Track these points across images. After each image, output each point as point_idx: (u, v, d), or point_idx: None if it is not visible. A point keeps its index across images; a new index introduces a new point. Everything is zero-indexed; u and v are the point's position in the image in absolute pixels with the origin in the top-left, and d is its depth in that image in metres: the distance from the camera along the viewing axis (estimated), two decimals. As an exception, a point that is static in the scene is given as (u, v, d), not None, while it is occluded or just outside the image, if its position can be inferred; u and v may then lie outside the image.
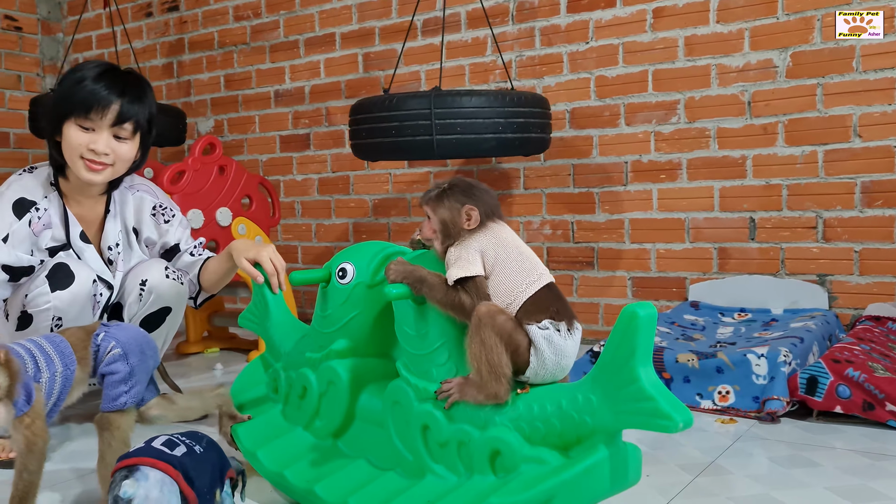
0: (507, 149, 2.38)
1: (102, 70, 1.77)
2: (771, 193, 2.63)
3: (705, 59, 2.71)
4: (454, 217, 1.29)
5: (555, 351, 1.20)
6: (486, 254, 1.25)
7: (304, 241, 3.63)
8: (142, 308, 1.92)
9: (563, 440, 1.16)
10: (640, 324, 1.07)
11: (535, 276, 1.24)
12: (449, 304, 1.24)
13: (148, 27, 4.07)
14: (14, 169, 4.15)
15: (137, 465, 1.14)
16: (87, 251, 1.87)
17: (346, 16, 3.43)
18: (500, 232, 1.29)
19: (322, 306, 1.47)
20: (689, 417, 1.06)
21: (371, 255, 1.45)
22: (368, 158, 2.52)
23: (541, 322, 1.20)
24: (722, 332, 2.43)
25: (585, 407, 1.13)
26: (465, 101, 2.27)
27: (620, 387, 1.09)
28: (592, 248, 2.93)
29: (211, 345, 3.05)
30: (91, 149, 1.75)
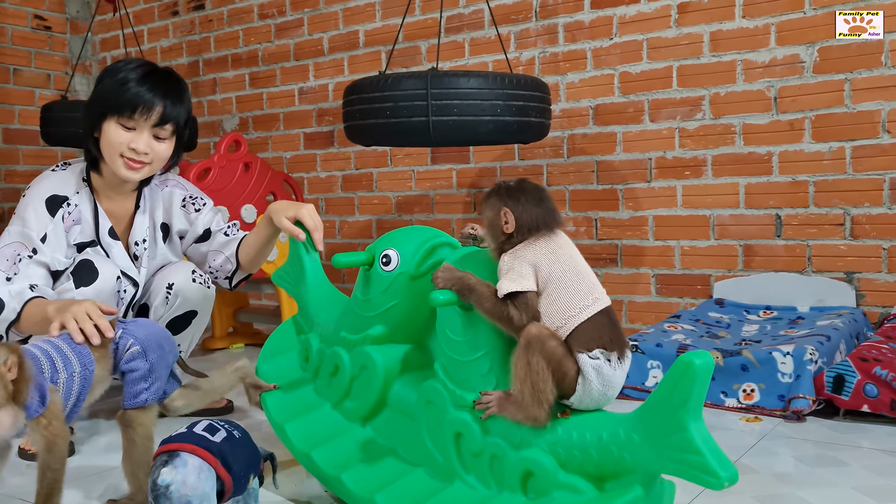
0: (505, 133, 2.29)
1: (146, 72, 1.79)
2: (798, 190, 2.60)
3: (731, 54, 2.68)
4: (495, 218, 1.25)
5: (603, 382, 1.16)
6: (540, 269, 1.20)
7: (327, 237, 3.65)
8: (168, 311, 1.93)
9: (598, 472, 1.14)
10: (696, 374, 1.03)
11: (590, 299, 1.19)
12: (497, 317, 1.20)
13: (174, 26, 4.11)
14: (44, 167, 4.22)
15: (178, 451, 1.17)
16: (114, 247, 1.89)
17: (370, 13, 3.44)
18: (557, 245, 1.23)
19: (363, 289, 1.44)
20: (734, 474, 1.02)
21: (417, 245, 1.41)
22: (361, 142, 2.43)
23: (592, 351, 1.16)
24: (747, 330, 2.41)
25: (626, 444, 1.10)
26: (462, 81, 2.18)
27: (667, 433, 1.06)
28: (616, 245, 2.92)
29: (236, 341, 3.08)
30: (132, 148, 1.78)
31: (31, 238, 1.78)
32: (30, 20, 4.21)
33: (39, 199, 1.81)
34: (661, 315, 2.80)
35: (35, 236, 1.78)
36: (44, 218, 1.80)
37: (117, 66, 1.81)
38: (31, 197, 1.82)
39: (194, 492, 1.14)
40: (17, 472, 1.68)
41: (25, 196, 1.84)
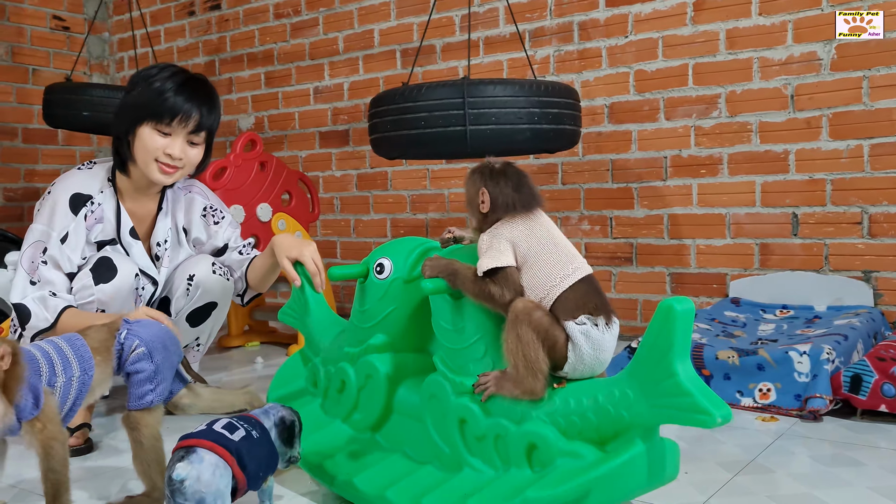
0: (541, 141, 2.28)
1: (183, 80, 1.82)
2: (815, 188, 2.59)
3: (747, 52, 2.67)
4: (474, 195, 1.30)
5: (593, 346, 1.19)
6: (518, 244, 1.24)
7: (342, 236, 3.67)
8: (189, 302, 1.97)
9: (599, 434, 1.16)
10: (677, 318, 1.06)
11: (570, 269, 1.22)
12: (480, 296, 1.23)
13: (190, 26, 4.13)
14: (62, 166, 4.27)
15: (195, 448, 1.18)
16: (134, 247, 1.92)
17: (385, 12, 3.45)
18: (534, 222, 1.27)
19: (360, 301, 1.49)
20: (727, 413, 1.05)
21: (408, 251, 1.46)
22: (392, 155, 2.40)
23: (577, 318, 1.19)
24: (763, 329, 2.40)
25: (622, 401, 1.13)
26: (499, 89, 2.18)
27: (657, 381, 1.08)
28: (631, 243, 2.91)
29: (252, 338, 3.10)
30: (167, 153, 1.82)
31: (51, 237, 1.81)
32: (48, 21, 4.25)
33: (64, 198, 1.84)
34: (677, 314, 2.78)
35: (56, 235, 1.81)
36: (66, 217, 1.83)
37: (151, 73, 1.84)
38: (56, 194, 1.85)
39: (208, 488, 1.15)
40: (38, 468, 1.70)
41: (51, 193, 1.86)
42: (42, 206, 1.86)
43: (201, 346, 2.07)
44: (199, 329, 2.02)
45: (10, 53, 4.08)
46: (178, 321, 2.00)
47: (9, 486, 1.59)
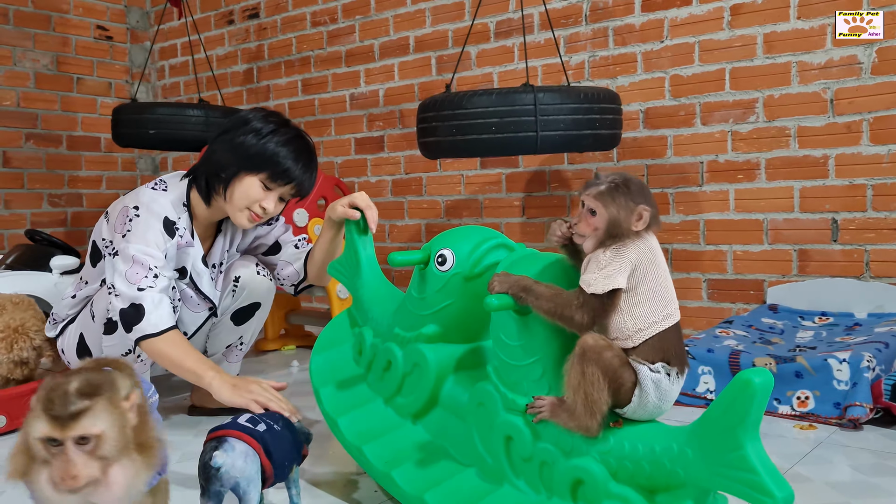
0: (600, 144, 2.41)
1: (298, 148, 1.83)
2: (855, 194, 2.55)
3: (785, 56, 2.64)
4: (626, 217, 1.17)
5: (660, 396, 1.15)
6: (637, 267, 1.16)
7: (377, 241, 3.69)
8: (234, 302, 2.01)
9: (650, 484, 1.13)
10: (754, 392, 1.01)
11: (671, 309, 1.17)
12: (558, 314, 1.17)
13: (229, 34, 4.20)
14: (104, 172, 4.36)
15: (226, 437, 1.22)
16: (204, 276, 1.94)
17: (420, 20, 3.47)
18: (655, 246, 1.20)
19: (418, 288, 1.45)
20: (790, 494, 1.01)
21: (473, 246, 1.42)
22: (450, 156, 2.46)
23: (654, 364, 1.15)
24: (802, 337, 2.37)
25: (679, 459, 1.09)
26: (566, 96, 2.26)
27: (723, 451, 1.04)
28: (667, 249, 2.89)
29: (288, 342, 3.13)
30: (262, 206, 1.84)
31: (156, 256, 1.78)
32: (92, 30, 4.35)
33: (157, 221, 1.81)
34: (713, 320, 2.76)
35: (160, 254, 1.79)
36: (163, 239, 1.81)
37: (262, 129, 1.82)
38: (147, 216, 1.81)
39: (242, 474, 1.20)
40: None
41: (140, 216, 1.81)
42: (132, 227, 1.80)
43: (244, 344, 2.12)
44: (243, 328, 2.07)
45: (56, 63, 4.19)
46: (222, 320, 2.04)
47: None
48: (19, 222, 4.03)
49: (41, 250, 3.00)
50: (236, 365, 2.14)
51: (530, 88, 2.23)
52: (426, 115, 2.38)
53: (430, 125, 2.36)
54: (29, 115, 4.09)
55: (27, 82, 4.09)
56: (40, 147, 4.13)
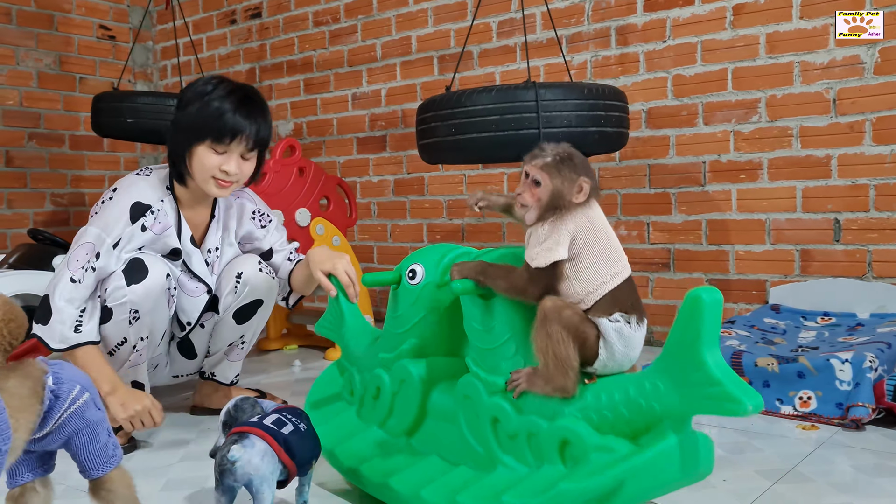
0: (606, 144, 2.31)
1: (238, 99, 1.84)
2: (857, 194, 2.55)
3: (788, 56, 2.64)
4: (568, 188, 1.22)
5: (625, 343, 1.19)
6: (577, 237, 1.21)
7: (379, 241, 3.69)
8: (236, 300, 2.01)
9: (631, 428, 1.17)
10: (704, 307, 1.06)
11: (618, 267, 1.22)
12: (513, 290, 1.23)
13: (232, 34, 4.21)
14: (107, 172, 4.37)
15: (247, 433, 1.24)
16: (194, 255, 1.97)
17: (422, 19, 3.48)
18: (594, 214, 1.24)
19: (393, 307, 1.51)
20: (758, 401, 1.04)
21: (439, 256, 1.48)
22: (449, 160, 2.38)
23: (612, 315, 1.19)
24: (804, 337, 2.36)
25: (653, 394, 1.13)
26: (569, 92, 2.19)
27: (687, 372, 1.08)
28: (668, 249, 2.89)
29: (290, 342, 3.14)
30: (223, 170, 1.85)
31: (105, 242, 1.83)
32: (95, 30, 4.36)
33: (124, 205, 1.87)
34: (715, 320, 2.76)
35: (110, 241, 1.83)
36: (124, 224, 1.85)
37: (206, 90, 1.85)
38: (117, 200, 1.87)
39: (256, 472, 1.21)
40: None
41: (112, 198, 1.88)
42: (101, 209, 1.88)
43: (246, 343, 2.11)
44: (245, 327, 2.06)
45: (58, 62, 4.20)
46: (224, 319, 2.04)
47: (56, 483, 1.63)
48: (22, 221, 4.04)
49: (44, 249, 3.00)
50: (237, 364, 2.14)
51: (532, 85, 2.18)
52: (425, 115, 2.33)
53: (429, 126, 2.31)
54: (32, 114, 4.10)
55: (30, 82, 4.09)
56: (43, 146, 4.14)
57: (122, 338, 1.85)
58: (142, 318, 1.85)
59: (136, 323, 1.84)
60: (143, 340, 1.88)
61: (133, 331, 1.85)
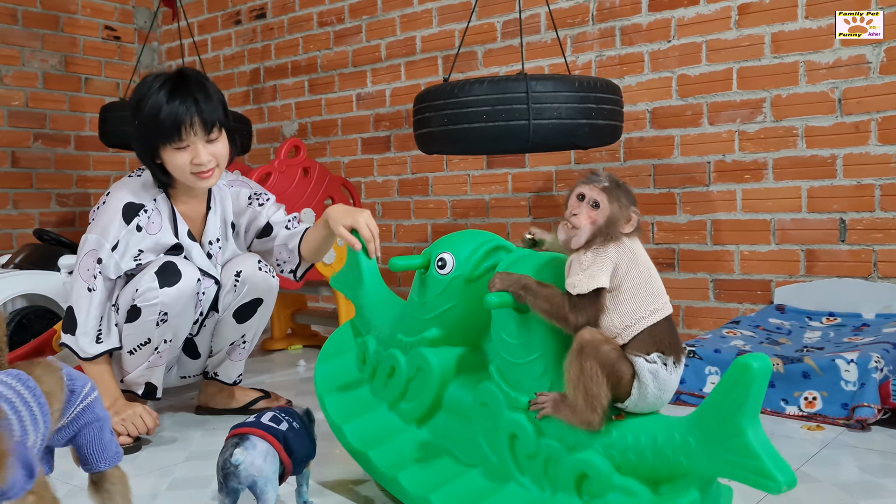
0: (598, 137, 2.30)
1: (170, 89, 1.81)
2: (863, 194, 2.54)
3: (793, 55, 2.63)
4: (620, 216, 1.20)
5: (659, 386, 1.16)
6: (619, 268, 1.18)
7: (384, 241, 3.70)
8: (236, 299, 2.01)
9: (653, 475, 1.14)
10: (753, 378, 1.02)
11: (659, 304, 1.19)
12: (554, 315, 1.19)
13: (236, 34, 4.21)
14: (112, 172, 4.38)
15: (248, 435, 1.26)
16: (193, 249, 1.98)
17: (427, 19, 3.48)
18: (636, 247, 1.22)
19: (419, 292, 1.46)
20: (792, 478, 1.01)
21: (472, 249, 1.43)
22: (442, 150, 2.38)
23: (650, 355, 1.16)
24: (809, 337, 2.36)
25: (682, 448, 1.09)
26: (559, 84, 2.18)
27: (724, 438, 1.05)
28: (673, 249, 2.89)
29: (294, 342, 3.14)
30: (196, 163, 1.84)
31: (104, 247, 1.87)
32: (100, 31, 4.37)
33: (116, 207, 1.89)
34: (720, 321, 2.75)
35: (108, 246, 1.87)
36: (119, 226, 1.88)
37: (140, 95, 1.84)
38: (109, 204, 1.91)
39: (260, 473, 1.23)
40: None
41: (105, 203, 1.92)
42: (96, 215, 1.92)
43: (247, 343, 2.11)
44: (246, 326, 2.06)
45: (64, 63, 4.21)
46: (224, 318, 2.04)
47: (62, 482, 1.64)
48: (28, 222, 4.05)
49: (49, 249, 3.01)
50: (240, 364, 2.14)
51: (523, 76, 2.17)
52: (420, 105, 2.34)
53: (424, 116, 2.32)
54: (37, 115, 4.11)
55: (35, 82, 4.10)
56: (48, 147, 4.15)
57: (146, 338, 1.86)
58: (169, 321, 1.86)
59: (162, 325, 1.86)
60: (165, 343, 1.89)
61: (158, 332, 1.86)
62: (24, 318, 2.73)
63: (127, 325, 1.86)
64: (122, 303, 1.89)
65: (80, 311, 1.87)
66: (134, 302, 1.84)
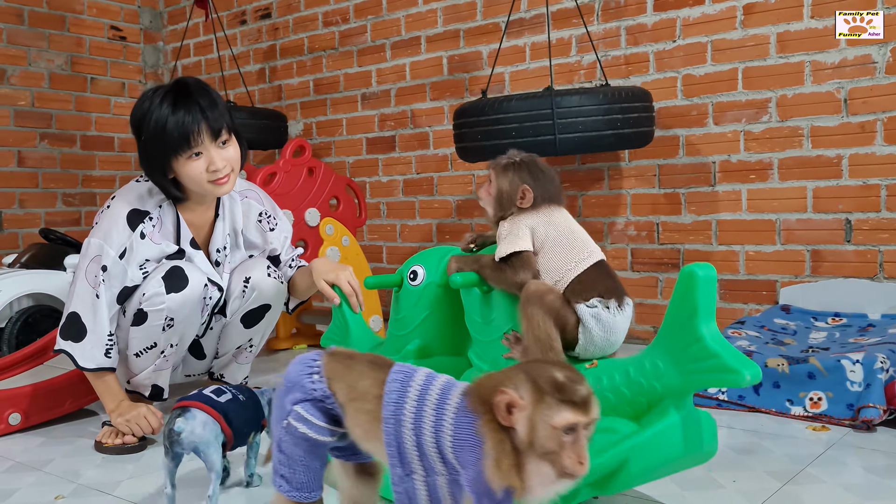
0: (622, 143, 2.46)
1: (172, 100, 1.80)
2: (869, 194, 2.53)
3: (798, 55, 2.63)
4: (511, 191, 1.35)
5: (603, 328, 1.23)
6: (536, 231, 1.30)
7: (389, 241, 3.70)
8: (244, 304, 2.01)
9: (633, 409, 1.18)
10: (699, 282, 1.08)
11: (584, 254, 1.28)
12: (499, 280, 1.30)
13: (242, 34, 4.22)
14: (118, 172, 4.39)
15: (189, 407, 1.40)
16: (196, 257, 1.96)
17: (432, 19, 3.48)
18: (553, 214, 1.34)
19: (396, 310, 1.53)
20: (756, 371, 1.05)
21: (439, 257, 1.51)
22: (479, 160, 2.58)
23: (589, 300, 1.24)
24: (814, 337, 2.35)
25: (653, 373, 1.15)
26: (583, 99, 2.33)
27: (685, 347, 1.10)
28: (678, 249, 2.89)
29: (299, 341, 3.15)
30: (212, 170, 1.83)
31: (109, 254, 1.83)
32: (106, 31, 4.38)
33: (122, 213, 1.86)
34: (725, 321, 2.75)
35: (113, 253, 1.83)
36: (124, 233, 1.85)
37: (144, 110, 1.82)
38: (114, 209, 1.87)
39: (200, 439, 1.36)
40: (93, 464, 1.75)
41: (110, 207, 1.89)
42: (101, 219, 1.88)
43: (254, 347, 2.12)
44: (253, 330, 2.07)
45: (70, 63, 4.22)
46: (232, 322, 2.05)
47: (67, 480, 1.64)
48: (34, 221, 4.06)
49: (55, 249, 3.02)
50: (246, 366, 2.15)
51: (548, 92, 2.32)
52: (459, 121, 2.54)
53: (460, 131, 2.54)
54: (43, 114, 4.12)
55: (42, 82, 4.12)
56: (54, 147, 4.16)
57: (152, 342, 1.86)
58: (175, 326, 1.86)
59: (168, 330, 1.86)
60: (172, 347, 1.89)
61: (164, 337, 1.86)
62: (30, 318, 2.75)
63: (133, 329, 1.86)
64: (128, 306, 1.89)
65: (88, 317, 1.81)
66: (140, 306, 1.84)
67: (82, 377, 2.06)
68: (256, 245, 2.07)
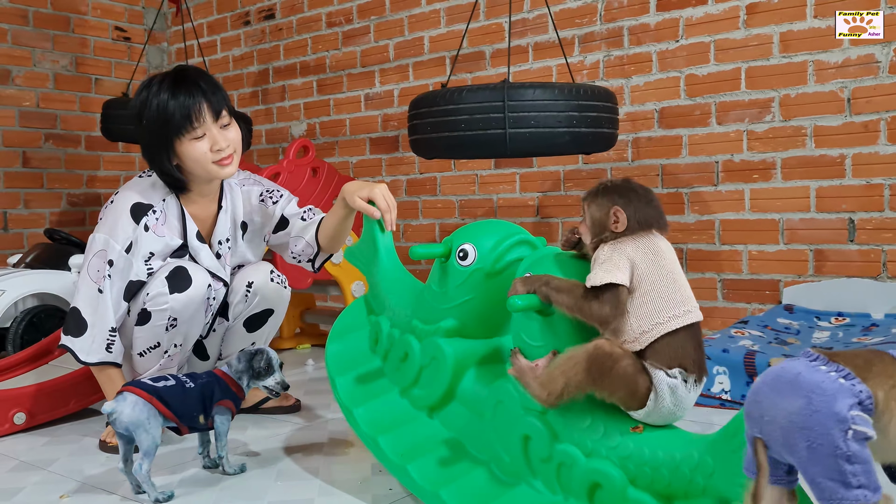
0: (579, 144, 2.28)
1: (172, 85, 1.81)
2: (872, 193, 2.53)
3: (801, 55, 2.62)
4: (602, 217, 1.22)
5: (676, 402, 1.14)
6: (637, 266, 1.17)
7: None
8: (246, 308, 2.01)
9: (669, 491, 1.12)
10: None
11: (682, 310, 1.15)
12: (579, 309, 1.16)
13: (246, 35, 4.23)
14: (122, 172, 4.40)
15: (123, 392, 1.52)
16: (202, 251, 1.95)
17: (435, 20, 3.48)
18: (657, 246, 1.21)
19: (438, 281, 1.44)
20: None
21: (495, 242, 1.41)
22: (430, 155, 2.42)
23: (671, 369, 1.13)
24: (818, 337, 2.35)
25: (700, 467, 1.08)
26: (538, 93, 2.17)
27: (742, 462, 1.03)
28: (681, 248, 2.89)
29: (303, 341, 3.15)
30: (216, 150, 1.83)
31: (115, 248, 1.83)
32: (110, 31, 4.40)
33: (125, 207, 1.86)
34: (728, 321, 2.75)
35: (119, 247, 1.83)
36: (128, 227, 1.85)
37: (145, 97, 1.83)
38: (117, 204, 1.87)
39: (129, 419, 1.49)
40: (98, 463, 1.76)
41: (113, 202, 1.89)
42: (104, 214, 1.89)
43: None
44: (256, 335, 2.06)
45: (74, 64, 4.23)
46: (235, 326, 2.05)
47: (71, 479, 1.65)
48: (38, 221, 4.08)
49: (60, 249, 3.04)
50: None
51: (501, 85, 2.18)
52: (412, 112, 2.38)
53: (413, 123, 2.38)
54: (48, 115, 4.14)
55: (46, 83, 4.13)
56: (59, 147, 4.18)
57: (156, 342, 1.86)
58: (179, 326, 1.86)
59: (172, 330, 1.86)
60: (176, 347, 1.89)
61: (168, 337, 1.86)
62: (35, 318, 2.76)
63: (137, 328, 1.86)
64: (132, 306, 1.89)
65: (88, 312, 1.83)
66: (144, 306, 1.84)
67: (87, 377, 2.06)
68: (265, 224, 2.05)
